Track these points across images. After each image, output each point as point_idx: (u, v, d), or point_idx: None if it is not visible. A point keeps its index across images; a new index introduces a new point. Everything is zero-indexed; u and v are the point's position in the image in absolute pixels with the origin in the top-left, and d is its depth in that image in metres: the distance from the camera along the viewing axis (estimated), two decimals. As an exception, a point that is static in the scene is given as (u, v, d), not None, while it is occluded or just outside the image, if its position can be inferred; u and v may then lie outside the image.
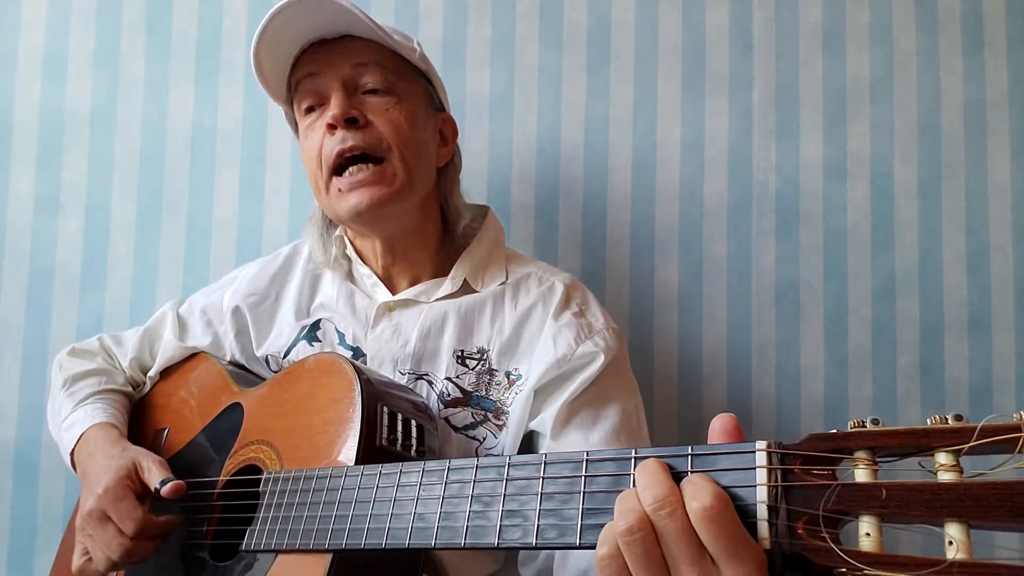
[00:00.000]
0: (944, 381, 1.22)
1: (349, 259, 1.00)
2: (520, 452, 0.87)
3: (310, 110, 0.91)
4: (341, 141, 0.87)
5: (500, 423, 0.87)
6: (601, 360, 0.86)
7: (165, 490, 0.78)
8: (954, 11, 1.26)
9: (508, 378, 0.88)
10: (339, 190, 0.88)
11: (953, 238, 1.24)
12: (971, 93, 1.25)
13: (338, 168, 0.88)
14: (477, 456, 0.86)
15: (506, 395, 0.88)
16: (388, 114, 0.88)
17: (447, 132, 0.99)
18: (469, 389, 0.88)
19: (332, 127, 0.87)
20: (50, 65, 1.25)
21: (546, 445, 0.85)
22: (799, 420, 1.21)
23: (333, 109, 0.86)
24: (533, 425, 0.87)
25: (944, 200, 1.24)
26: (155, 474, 0.81)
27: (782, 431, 1.21)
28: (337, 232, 1.01)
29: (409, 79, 0.92)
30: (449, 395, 0.88)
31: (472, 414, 0.87)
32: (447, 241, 0.99)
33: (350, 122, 0.87)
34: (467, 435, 0.87)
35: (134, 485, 0.81)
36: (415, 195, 0.91)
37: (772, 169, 1.24)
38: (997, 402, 1.22)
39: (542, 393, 0.86)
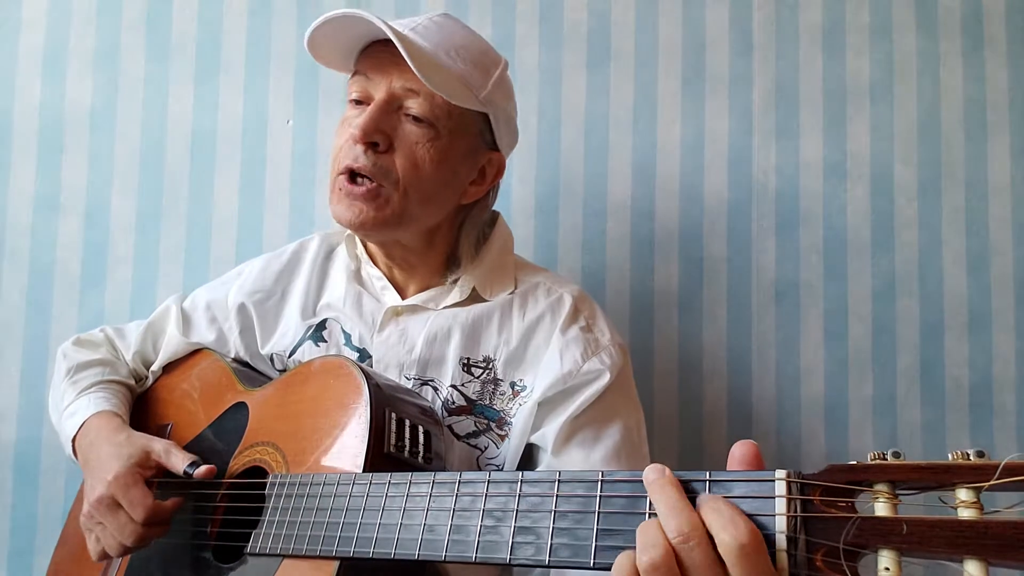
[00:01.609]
0: (944, 381, 1.22)
1: (359, 258, 0.99)
2: (520, 464, 0.87)
3: (357, 103, 0.89)
4: (354, 159, 0.85)
5: (503, 433, 0.87)
6: (607, 378, 0.86)
7: (199, 473, 0.80)
8: (954, 11, 1.26)
9: (513, 389, 0.88)
10: (339, 189, 0.87)
11: (953, 238, 1.24)
12: (971, 93, 1.25)
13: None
14: (479, 465, 0.86)
15: (510, 405, 0.87)
16: (415, 148, 0.85)
17: (489, 172, 0.94)
18: (473, 398, 0.88)
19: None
20: (50, 65, 1.25)
21: (546, 460, 0.85)
22: (799, 420, 1.21)
23: (363, 123, 0.83)
24: (534, 439, 0.86)
25: (944, 200, 1.25)
26: (178, 457, 0.82)
27: (782, 431, 1.21)
28: (348, 231, 1.00)
29: (461, 117, 0.87)
30: (453, 403, 0.88)
31: (475, 423, 0.87)
32: (453, 262, 0.96)
33: (371, 144, 0.84)
34: (469, 443, 0.87)
35: (144, 472, 0.81)
36: (405, 228, 0.89)
37: (772, 169, 1.24)
38: (997, 402, 1.22)
39: (545, 407, 0.86)
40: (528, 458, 0.88)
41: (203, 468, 0.80)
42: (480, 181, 0.93)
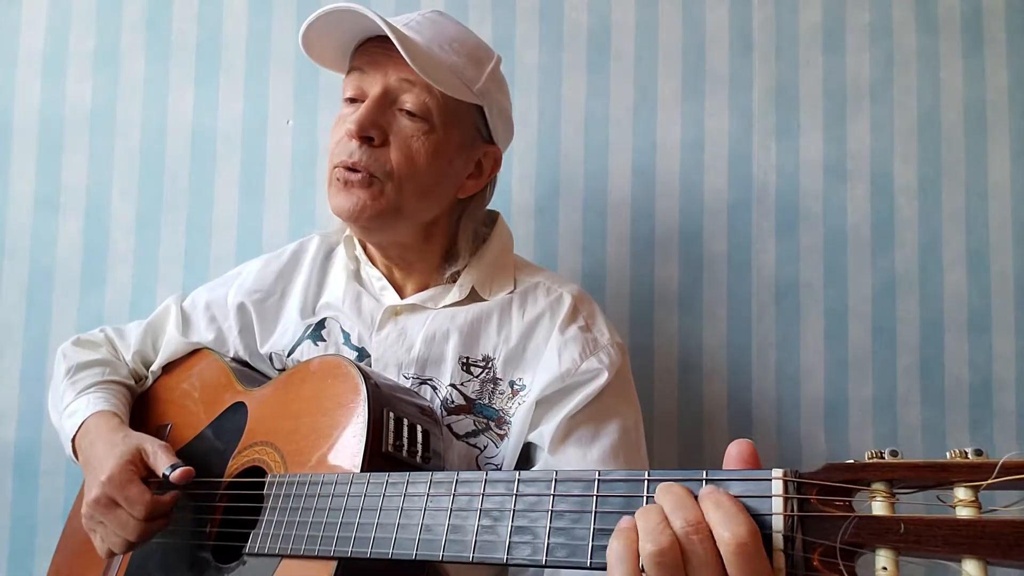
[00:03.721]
0: (944, 381, 1.22)
1: (358, 259, 0.99)
2: (518, 463, 0.87)
3: (351, 100, 0.89)
4: (349, 154, 0.85)
5: (502, 432, 0.87)
6: (604, 377, 0.86)
7: (174, 476, 0.79)
8: (954, 11, 1.26)
9: (512, 388, 0.88)
10: (336, 180, 0.87)
11: (953, 238, 1.24)
12: (971, 93, 1.25)
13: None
14: (478, 464, 0.86)
15: (509, 405, 0.87)
16: (410, 142, 0.85)
17: (486, 165, 0.94)
18: (473, 397, 0.88)
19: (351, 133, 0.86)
20: (50, 65, 1.25)
21: (543, 458, 0.85)
22: (799, 419, 1.21)
23: (358, 118, 0.84)
24: (531, 438, 0.86)
25: (944, 200, 1.24)
26: (162, 459, 0.81)
27: (782, 430, 1.21)
28: (347, 232, 1.00)
29: (456, 110, 0.88)
30: (453, 402, 0.88)
31: (475, 422, 0.87)
32: (451, 256, 0.96)
33: (365, 139, 0.85)
34: (468, 443, 0.87)
35: (138, 470, 0.81)
36: (403, 221, 0.89)
37: (772, 169, 1.24)
38: (997, 402, 1.22)
39: (543, 405, 0.86)
40: (526, 457, 0.88)
41: (179, 471, 0.79)
42: (477, 175, 0.94)
